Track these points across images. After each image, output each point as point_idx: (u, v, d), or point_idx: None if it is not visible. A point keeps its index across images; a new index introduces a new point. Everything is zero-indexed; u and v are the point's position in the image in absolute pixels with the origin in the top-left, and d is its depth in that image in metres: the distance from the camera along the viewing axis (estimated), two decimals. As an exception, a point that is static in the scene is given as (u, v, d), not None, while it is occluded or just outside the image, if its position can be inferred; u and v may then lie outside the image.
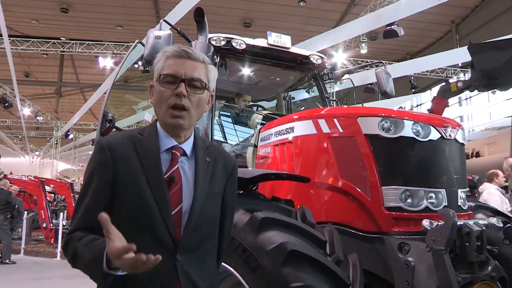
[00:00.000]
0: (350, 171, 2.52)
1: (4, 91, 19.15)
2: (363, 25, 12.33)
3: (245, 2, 16.73)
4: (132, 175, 1.24)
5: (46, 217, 10.89)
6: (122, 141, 1.29)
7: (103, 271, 1.08)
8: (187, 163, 1.31)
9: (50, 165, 28.00)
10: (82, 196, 1.26)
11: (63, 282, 6.90)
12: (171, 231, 1.21)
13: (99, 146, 1.29)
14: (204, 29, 3.26)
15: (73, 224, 1.24)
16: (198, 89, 1.29)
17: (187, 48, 1.31)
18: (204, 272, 1.27)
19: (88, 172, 1.28)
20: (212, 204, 1.32)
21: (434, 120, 2.52)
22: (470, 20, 17.93)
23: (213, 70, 1.36)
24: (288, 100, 4.87)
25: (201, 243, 1.27)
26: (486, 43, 5.01)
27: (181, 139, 1.32)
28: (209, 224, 1.30)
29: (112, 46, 17.25)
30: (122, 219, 1.22)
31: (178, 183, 1.26)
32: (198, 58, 1.30)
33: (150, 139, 1.30)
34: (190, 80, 1.27)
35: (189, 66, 1.28)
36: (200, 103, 1.31)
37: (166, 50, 1.31)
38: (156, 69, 1.31)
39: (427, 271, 2.04)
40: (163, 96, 1.27)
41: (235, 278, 1.97)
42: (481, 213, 2.80)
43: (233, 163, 1.45)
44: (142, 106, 18.63)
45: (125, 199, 1.23)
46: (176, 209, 1.24)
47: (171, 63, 1.28)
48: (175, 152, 1.30)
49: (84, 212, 1.24)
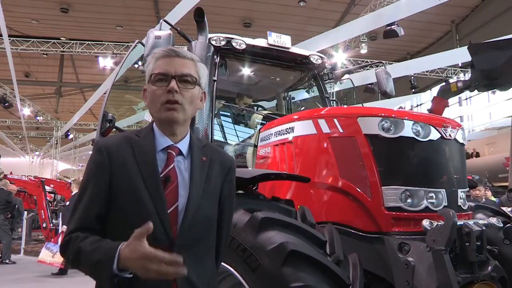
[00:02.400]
0: (350, 171, 2.52)
1: (4, 91, 19.15)
2: (363, 25, 12.34)
3: (245, 2, 16.73)
4: (129, 175, 1.25)
5: (46, 217, 10.87)
6: (119, 142, 1.31)
7: (112, 272, 1.09)
8: (183, 162, 1.33)
9: (50, 165, 28.00)
10: (80, 197, 1.28)
11: (63, 282, 6.91)
12: (167, 229, 1.22)
13: (96, 147, 1.31)
14: (204, 29, 3.26)
15: (72, 224, 1.25)
16: (189, 84, 1.32)
17: (174, 47, 1.36)
18: (201, 271, 1.28)
19: (86, 173, 1.30)
20: (208, 203, 1.32)
21: (434, 120, 2.52)
22: (470, 20, 17.94)
23: (203, 67, 1.39)
24: (288, 100, 4.87)
25: (197, 242, 1.28)
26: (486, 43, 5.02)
27: (176, 138, 1.34)
28: (205, 222, 1.31)
29: (112, 46, 17.25)
30: (120, 218, 1.24)
31: (174, 182, 1.27)
32: (186, 55, 1.34)
33: (146, 140, 1.32)
34: (180, 76, 1.30)
35: (178, 63, 1.31)
36: (192, 99, 1.33)
37: (155, 52, 1.35)
38: (147, 72, 1.34)
39: (427, 271, 2.03)
40: (155, 94, 1.30)
41: (235, 278, 1.97)
42: (481, 213, 2.80)
43: (230, 162, 1.46)
44: (142, 106, 18.63)
45: (122, 198, 1.24)
46: (172, 207, 1.25)
47: (160, 63, 1.31)
48: (171, 151, 1.31)
49: (83, 213, 1.25)
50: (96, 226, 1.24)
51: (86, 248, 1.15)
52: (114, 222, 1.25)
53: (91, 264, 1.14)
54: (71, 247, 1.19)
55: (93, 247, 1.15)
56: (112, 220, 1.25)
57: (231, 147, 4.07)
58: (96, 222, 1.24)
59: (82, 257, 1.16)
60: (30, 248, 10.34)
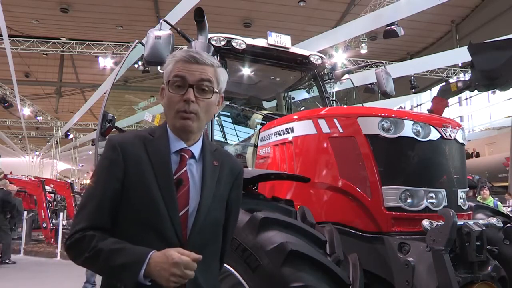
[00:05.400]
0: (350, 171, 2.52)
1: (4, 91, 19.14)
2: (363, 25, 12.34)
3: (245, 2, 16.74)
4: (142, 174, 1.24)
5: (46, 217, 10.87)
6: (133, 141, 1.30)
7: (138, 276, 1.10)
8: (195, 165, 1.33)
9: (50, 165, 28.00)
10: (92, 194, 1.25)
11: (63, 282, 6.90)
12: (178, 232, 1.22)
13: (110, 144, 1.29)
14: (204, 29, 3.26)
15: (82, 221, 1.21)
16: (207, 94, 1.30)
17: (195, 53, 1.31)
18: (208, 274, 1.29)
19: (99, 169, 1.28)
20: (217, 207, 1.33)
21: (434, 120, 2.52)
22: (470, 20, 17.95)
23: (222, 73, 1.37)
24: (288, 100, 4.87)
25: (206, 245, 1.28)
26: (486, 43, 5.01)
27: (190, 142, 1.33)
28: (213, 226, 1.32)
29: (112, 46, 17.26)
30: (130, 217, 1.23)
31: (185, 185, 1.27)
32: (206, 62, 1.31)
33: (160, 141, 1.31)
34: (198, 85, 1.28)
35: (197, 70, 1.29)
36: (209, 108, 1.32)
37: (174, 55, 1.33)
38: (165, 73, 1.32)
39: (427, 271, 2.03)
40: (172, 101, 1.28)
41: (235, 278, 1.97)
42: (481, 213, 2.80)
43: (240, 168, 1.47)
44: (142, 106, 18.66)
45: (134, 198, 1.23)
46: (183, 210, 1.25)
47: (179, 67, 1.29)
48: (184, 154, 1.31)
49: (95, 210, 1.23)
50: (108, 224, 1.22)
51: (108, 249, 1.15)
52: (125, 220, 1.24)
53: (113, 266, 1.13)
54: (86, 246, 1.17)
55: (115, 248, 1.15)
56: (123, 218, 1.24)
57: (231, 147, 4.06)
58: (108, 220, 1.22)
59: (101, 257, 1.14)
60: (30, 248, 10.32)
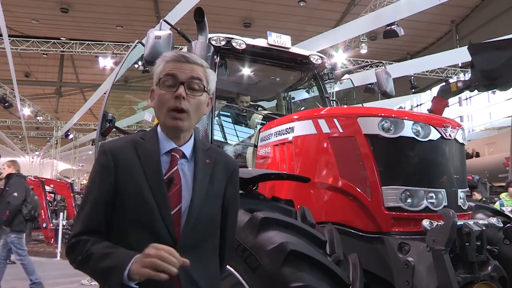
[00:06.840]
0: (350, 171, 2.52)
1: (4, 91, 19.13)
2: (363, 25, 12.33)
3: (245, 2, 16.73)
4: (133, 177, 1.27)
5: (46, 217, 10.88)
6: (124, 145, 1.34)
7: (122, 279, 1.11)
8: (186, 165, 1.35)
9: (50, 165, 27.97)
10: (86, 199, 1.30)
11: (63, 282, 6.90)
12: (170, 230, 1.24)
13: (102, 150, 1.33)
14: (204, 29, 3.26)
15: (78, 226, 1.26)
16: (197, 91, 1.33)
17: (185, 53, 1.36)
18: (205, 272, 1.29)
19: (92, 176, 1.33)
20: (211, 204, 1.34)
21: (434, 120, 2.52)
22: (470, 20, 17.93)
23: (212, 73, 1.40)
24: (288, 100, 4.87)
25: (200, 242, 1.29)
26: (486, 43, 5.02)
27: (180, 141, 1.36)
28: (208, 223, 1.32)
29: (112, 46, 17.23)
30: (124, 219, 1.25)
31: (177, 184, 1.29)
32: (196, 61, 1.35)
33: (150, 143, 1.34)
34: (189, 82, 1.31)
35: (188, 69, 1.32)
36: (199, 106, 1.35)
37: (164, 55, 1.36)
38: (156, 74, 1.35)
39: (427, 271, 2.03)
40: (163, 99, 1.31)
41: (235, 278, 1.97)
42: (481, 213, 2.80)
43: (234, 165, 1.47)
44: (142, 106, 18.66)
45: (126, 200, 1.26)
46: (176, 209, 1.26)
47: (170, 66, 1.32)
48: (175, 154, 1.33)
49: (89, 215, 1.27)
50: (102, 228, 1.26)
51: (98, 253, 1.17)
52: (119, 222, 1.26)
53: (101, 268, 1.16)
54: (80, 250, 1.21)
55: (106, 252, 1.17)
56: (117, 220, 1.26)
57: (231, 147, 4.06)
58: (101, 224, 1.26)
59: (91, 261, 1.18)
60: (30, 248, 10.31)
